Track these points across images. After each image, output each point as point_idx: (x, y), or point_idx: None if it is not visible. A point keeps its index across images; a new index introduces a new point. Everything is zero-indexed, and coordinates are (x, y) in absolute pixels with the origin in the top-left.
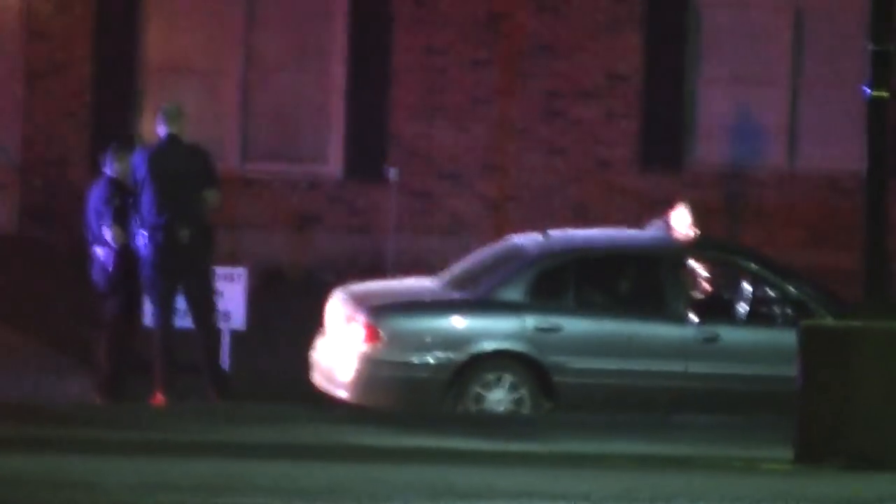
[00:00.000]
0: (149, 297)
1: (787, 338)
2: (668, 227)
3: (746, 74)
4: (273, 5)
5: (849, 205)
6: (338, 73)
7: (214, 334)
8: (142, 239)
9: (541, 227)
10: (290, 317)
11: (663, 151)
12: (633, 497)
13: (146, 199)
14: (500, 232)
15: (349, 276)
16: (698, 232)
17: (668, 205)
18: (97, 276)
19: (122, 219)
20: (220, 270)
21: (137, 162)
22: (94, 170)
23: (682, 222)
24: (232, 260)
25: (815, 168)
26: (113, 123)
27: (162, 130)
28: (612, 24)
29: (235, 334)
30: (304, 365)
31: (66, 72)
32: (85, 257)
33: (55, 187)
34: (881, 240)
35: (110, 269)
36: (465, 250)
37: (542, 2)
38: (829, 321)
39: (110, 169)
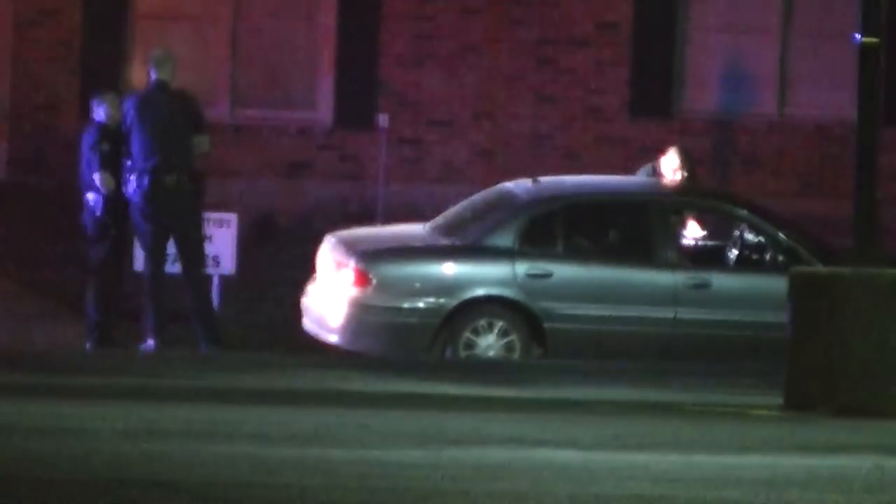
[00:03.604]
0: (139, 242)
1: (777, 284)
2: (657, 172)
3: (737, 22)
4: None
5: (839, 153)
6: (328, 20)
7: (204, 281)
8: (131, 184)
9: (531, 174)
10: (280, 264)
11: (654, 99)
12: (621, 444)
13: (135, 145)
14: (490, 179)
15: (339, 223)
16: (687, 177)
17: (659, 152)
18: (86, 221)
19: (110, 164)
20: (210, 216)
21: (126, 108)
22: (84, 116)
23: (671, 168)
24: (222, 207)
25: (806, 116)
26: (102, 70)
27: (151, 76)
28: None
29: (225, 280)
30: (294, 311)
31: (55, 18)
32: (75, 204)
33: (44, 134)
34: (871, 187)
35: (98, 214)
36: (456, 197)
37: None
38: (819, 268)
39: (98, 114)
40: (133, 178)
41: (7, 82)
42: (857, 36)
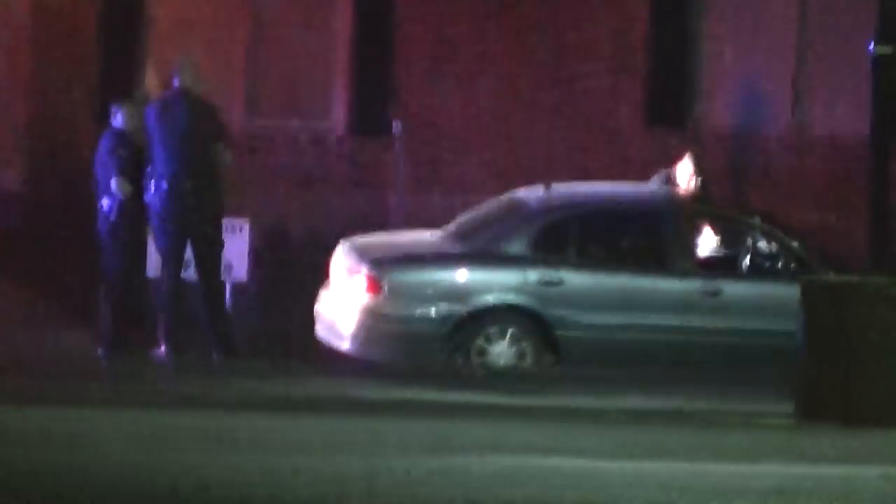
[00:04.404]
0: (157, 248)
1: (788, 292)
2: (672, 180)
3: (752, 34)
4: None
5: (853, 166)
6: (343, 29)
7: (219, 288)
8: (151, 190)
9: (544, 181)
10: (293, 272)
11: (669, 113)
12: (631, 452)
13: (155, 151)
14: (504, 185)
15: (353, 231)
16: (702, 184)
17: (673, 161)
18: (101, 228)
19: (128, 170)
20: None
21: (147, 113)
22: (101, 127)
23: (686, 175)
24: (236, 215)
25: (821, 128)
26: (119, 80)
27: (174, 83)
28: None
29: (237, 287)
30: (306, 319)
31: (71, 30)
32: (91, 214)
33: (62, 146)
34: (885, 196)
35: (112, 220)
36: (469, 205)
37: None
38: (831, 276)
39: (116, 121)
40: (153, 183)
41: (24, 95)
42: (871, 47)
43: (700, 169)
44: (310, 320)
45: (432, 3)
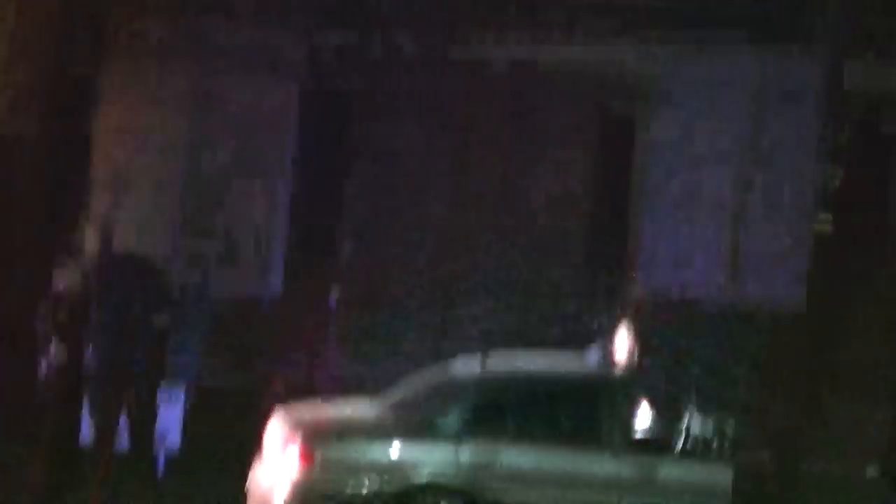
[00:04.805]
0: (89, 411)
1: (722, 472)
2: (607, 354)
3: (693, 199)
4: (218, 118)
5: (791, 337)
6: (282, 188)
7: (149, 453)
8: (88, 353)
9: (481, 351)
10: (226, 437)
11: (608, 274)
12: None
13: (93, 314)
14: (443, 349)
15: (289, 395)
16: (638, 359)
17: (611, 328)
18: (40, 390)
19: (65, 335)
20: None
21: (88, 275)
22: (38, 270)
23: (622, 348)
24: (168, 377)
25: (760, 298)
26: (58, 235)
27: (110, 244)
28: (560, 143)
29: (170, 455)
30: (239, 489)
31: (11, 185)
32: (30, 368)
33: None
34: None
35: (50, 380)
36: (407, 368)
37: (489, 114)
38: (764, 455)
39: (56, 284)
40: (90, 346)
41: None
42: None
43: (639, 341)
44: (242, 489)
45: (375, 167)
